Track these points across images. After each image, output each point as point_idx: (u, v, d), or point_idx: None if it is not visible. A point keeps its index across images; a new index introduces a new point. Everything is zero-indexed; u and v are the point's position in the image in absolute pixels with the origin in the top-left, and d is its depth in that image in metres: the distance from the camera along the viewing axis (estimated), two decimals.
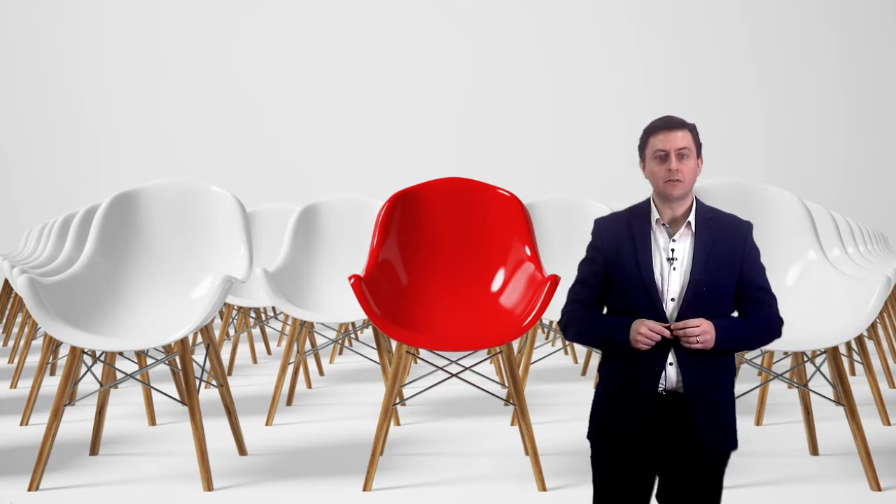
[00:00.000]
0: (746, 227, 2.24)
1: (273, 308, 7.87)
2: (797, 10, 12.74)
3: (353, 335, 7.77)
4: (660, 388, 2.15)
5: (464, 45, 12.69)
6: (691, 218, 2.20)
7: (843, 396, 3.42)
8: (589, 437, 2.25)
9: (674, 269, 2.16)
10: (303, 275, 4.99)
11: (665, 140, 2.20)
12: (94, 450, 4.01)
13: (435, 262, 3.82)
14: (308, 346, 6.09)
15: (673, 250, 2.18)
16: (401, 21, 12.70)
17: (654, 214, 2.21)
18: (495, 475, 3.64)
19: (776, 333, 2.23)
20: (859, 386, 5.38)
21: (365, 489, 3.43)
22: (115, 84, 12.72)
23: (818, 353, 3.96)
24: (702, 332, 2.10)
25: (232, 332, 8.86)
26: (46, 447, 3.48)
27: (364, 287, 3.44)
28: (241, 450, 3.99)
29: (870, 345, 7.31)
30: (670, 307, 2.15)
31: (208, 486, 3.46)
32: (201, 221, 4.02)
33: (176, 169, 12.30)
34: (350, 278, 3.43)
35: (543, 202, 5.33)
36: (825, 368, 5.89)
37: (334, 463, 3.86)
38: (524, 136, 12.57)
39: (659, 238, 2.19)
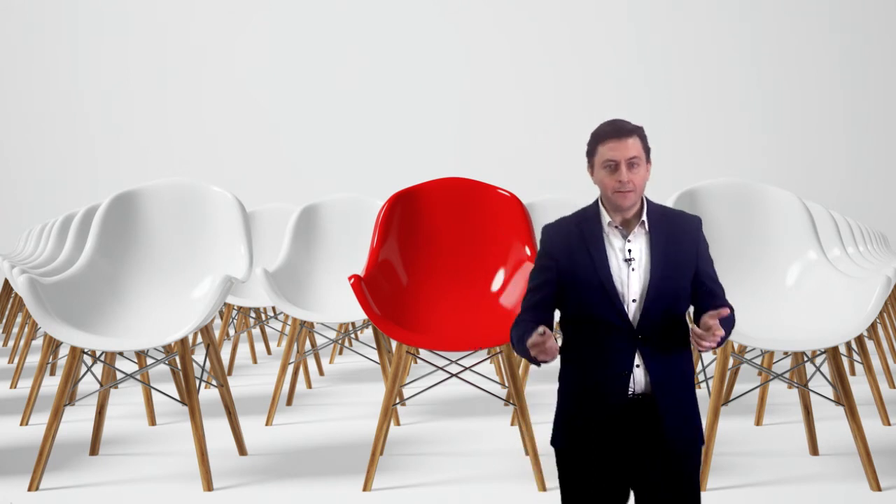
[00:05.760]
0: (697, 222, 2.23)
1: (273, 308, 7.87)
2: (797, 10, 12.74)
3: (353, 335, 7.77)
4: (629, 392, 2.13)
5: (464, 46, 12.69)
6: (643, 217, 2.18)
7: (843, 396, 3.42)
8: (553, 443, 2.20)
9: (632, 269, 2.14)
10: (303, 275, 4.99)
11: (615, 149, 2.13)
12: (94, 450, 4.02)
13: (435, 262, 3.82)
14: (308, 346, 6.09)
15: (630, 250, 2.15)
16: (401, 21, 12.70)
17: (606, 217, 2.17)
18: (495, 475, 3.64)
19: (734, 323, 2.24)
20: (859, 386, 5.38)
21: (365, 489, 3.43)
22: (115, 84, 12.72)
23: (818, 353, 3.96)
24: (720, 338, 2.08)
25: (232, 332, 8.86)
26: (46, 447, 3.48)
27: (364, 287, 3.44)
28: (241, 450, 3.99)
29: (870, 345, 7.31)
30: (632, 308, 2.12)
31: (208, 486, 3.46)
32: (201, 221, 4.02)
33: (176, 169, 12.30)
34: (350, 278, 3.43)
35: (543, 202, 5.34)
36: (825, 368, 5.89)
37: (334, 463, 3.86)
38: (524, 136, 12.56)
39: (613, 240, 2.15)
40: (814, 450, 3.88)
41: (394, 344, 4.94)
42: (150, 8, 12.74)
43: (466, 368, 3.64)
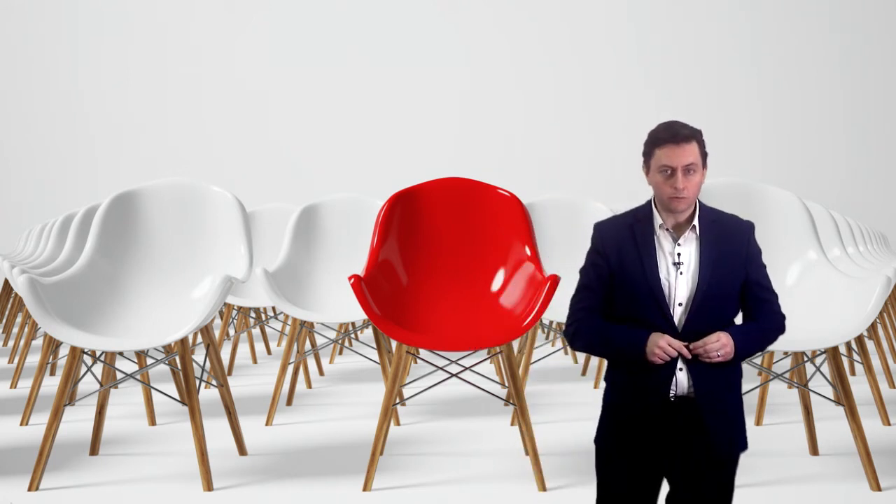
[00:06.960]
0: (749, 228, 2.22)
1: (273, 308, 7.87)
2: (797, 10, 12.73)
3: (353, 335, 7.77)
4: (671, 394, 2.14)
5: (464, 46, 12.69)
6: (695, 221, 2.17)
7: (843, 396, 3.42)
8: (596, 441, 2.23)
9: (680, 273, 2.13)
10: (303, 275, 4.99)
11: (671, 155, 2.12)
12: (94, 450, 4.01)
13: (435, 262, 3.82)
14: (308, 346, 6.09)
15: (679, 255, 2.15)
16: (401, 21, 12.70)
17: (658, 219, 2.17)
18: (495, 475, 3.64)
19: (782, 330, 2.23)
20: (859, 386, 5.37)
21: (365, 489, 3.43)
22: (115, 84, 12.72)
23: (818, 353, 3.96)
24: (721, 346, 2.08)
25: (232, 332, 8.86)
26: (46, 447, 3.48)
27: (364, 287, 3.44)
28: (241, 450, 3.99)
29: (870, 345, 7.31)
30: (678, 312, 2.12)
31: (208, 486, 3.46)
32: (201, 221, 4.02)
33: (176, 169, 12.29)
34: (350, 278, 3.43)
35: (543, 202, 5.33)
36: (825, 368, 5.88)
37: (334, 463, 3.86)
38: (524, 136, 12.56)
39: (664, 242, 2.16)
40: (814, 450, 3.88)
41: (394, 344, 4.94)
42: (150, 8, 12.73)
43: (466, 368, 3.64)
